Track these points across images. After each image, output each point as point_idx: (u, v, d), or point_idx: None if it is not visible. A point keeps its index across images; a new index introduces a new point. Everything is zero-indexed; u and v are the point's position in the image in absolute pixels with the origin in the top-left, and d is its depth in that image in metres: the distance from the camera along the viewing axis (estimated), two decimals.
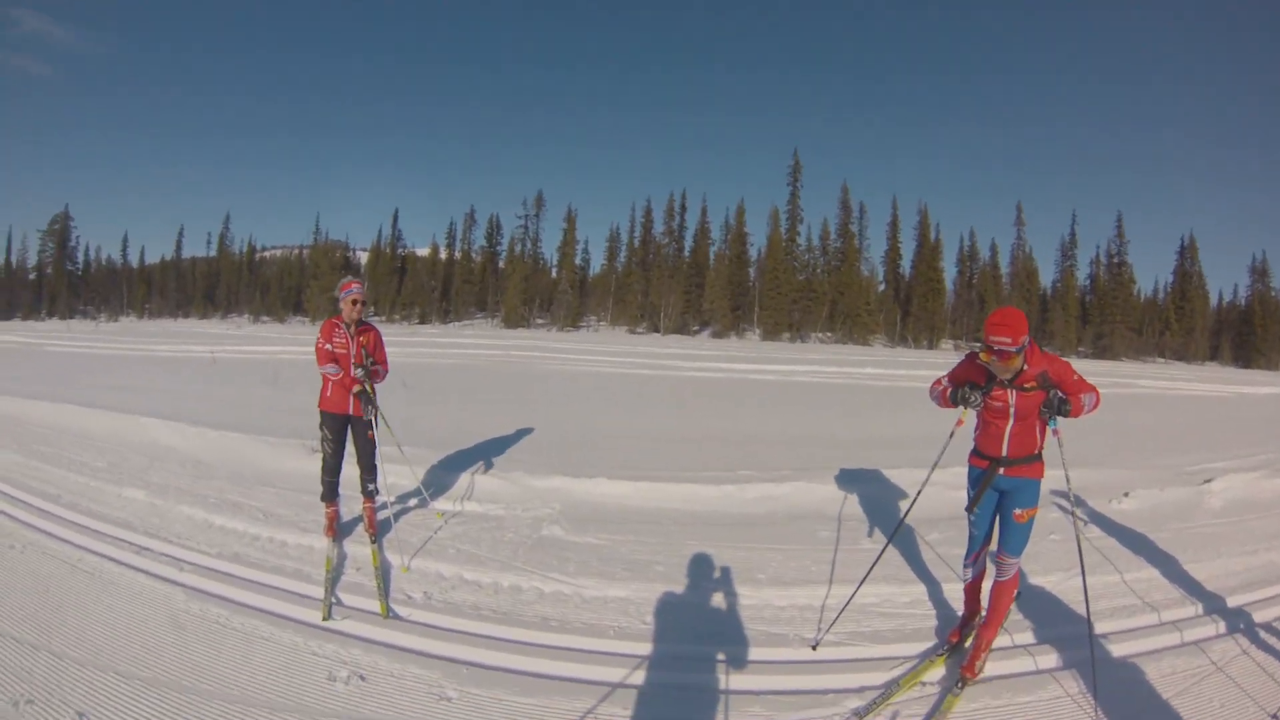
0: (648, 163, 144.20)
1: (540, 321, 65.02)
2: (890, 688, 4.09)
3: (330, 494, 5.93)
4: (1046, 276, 66.02)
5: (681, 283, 62.43)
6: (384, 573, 5.13)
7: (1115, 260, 64.11)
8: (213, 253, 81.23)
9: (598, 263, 72.46)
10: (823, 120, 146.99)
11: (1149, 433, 14.73)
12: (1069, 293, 63.47)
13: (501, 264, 71.12)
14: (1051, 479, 4.51)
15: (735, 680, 4.09)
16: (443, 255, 73.55)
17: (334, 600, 4.72)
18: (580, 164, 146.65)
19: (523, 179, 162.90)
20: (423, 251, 75.75)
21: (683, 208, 67.70)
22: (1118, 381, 26.87)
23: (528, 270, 66.89)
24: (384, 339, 6.35)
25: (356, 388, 5.85)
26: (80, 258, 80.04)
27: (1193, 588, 5.94)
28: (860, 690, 4.09)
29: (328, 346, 5.82)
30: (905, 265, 65.51)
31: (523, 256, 68.61)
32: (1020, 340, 3.96)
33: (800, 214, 64.05)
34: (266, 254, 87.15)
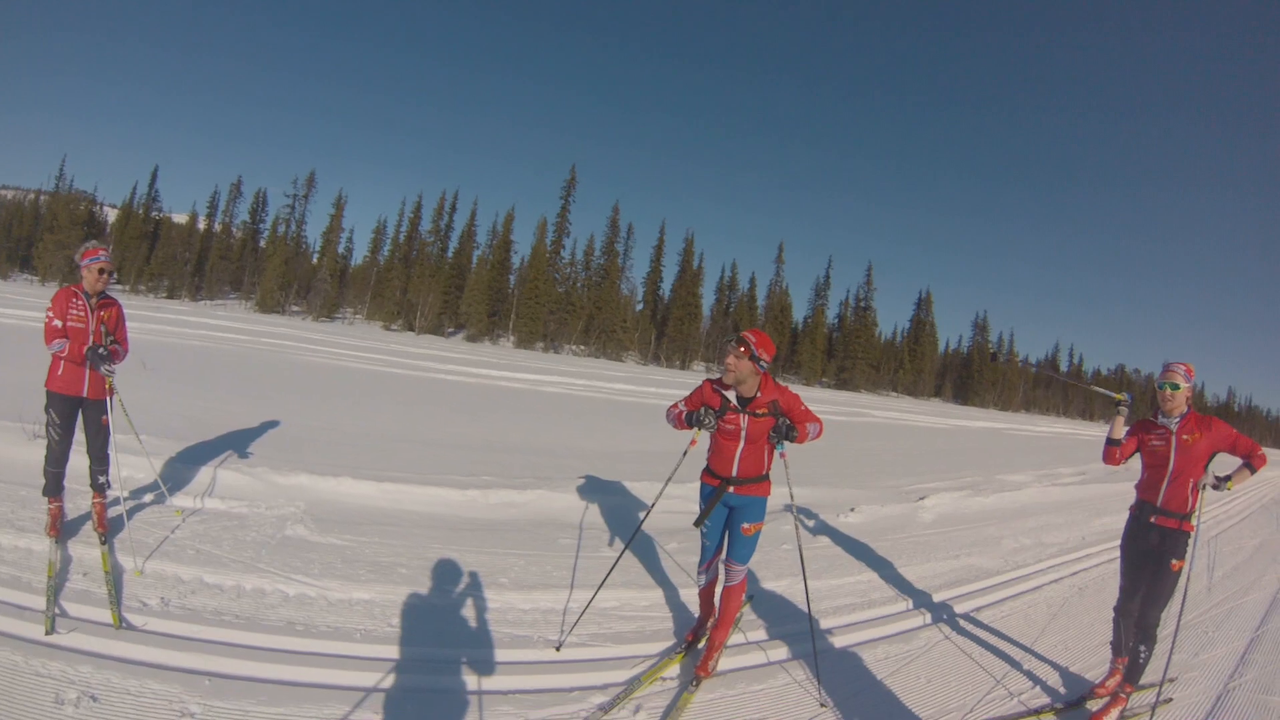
0: (424, 159, 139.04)
1: (296, 309, 59.73)
2: (632, 684, 4.25)
3: (54, 487, 5.09)
4: (799, 312, 71.90)
5: (442, 283, 60.38)
6: (116, 577, 4.48)
7: (862, 305, 71.27)
8: None
9: (361, 254, 68.34)
10: (603, 143, 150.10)
11: (877, 457, 16.45)
12: (818, 328, 69.38)
13: (263, 243, 64.59)
14: (782, 495, 4.89)
15: (484, 682, 4.05)
16: (201, 225, 65.34)
17: (58, 611, 4.00)
18: (357, 149, 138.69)
19: (296, 156, 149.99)
20: (180, 218, 66.76)
21: (453, 208, 65.77)
22: (855, 411, 29.72)
23: (289, 253, 61.39)
24: (125, 314, 5.54)
25: (89, 347, 5.04)
26: None
27: (905, 587, 6.78)
28: (604, 687, 4.20)
29: (58, 323, 4.98)
30: (665, 288, 68.05)
31: (286, 238, 62.81)
32: (761, 353, 4.26)
33: (569, 228, 64.70)
34: None
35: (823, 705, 4.36)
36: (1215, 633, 6.53)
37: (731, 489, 4.49)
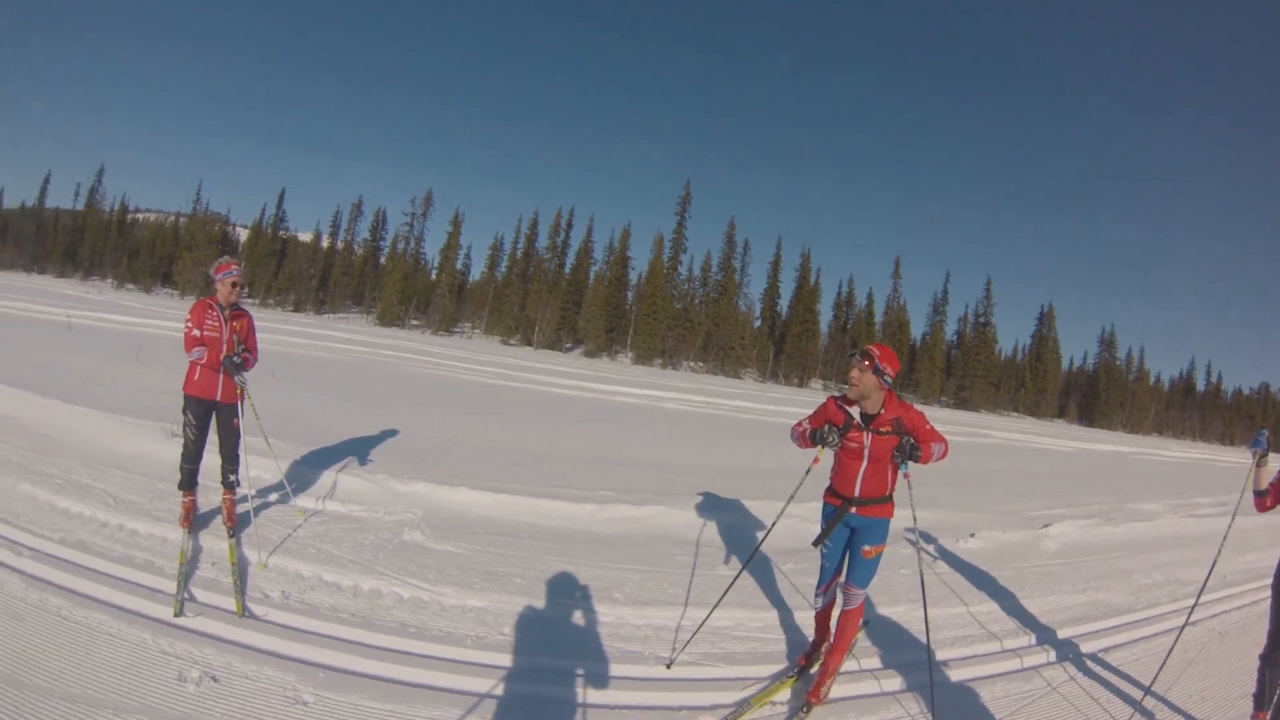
0: (540, 176, 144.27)
1: (415, 323, 63.22)
2: (742, 706, 4.20)
3: (189, 482, 5.58)
4: (917, 329, 69.80)
5: (559, 298, 62.10)
6: (241, 569, 4.84)
7: (981, 320, 68.55)
8: (80, 206, 74.80)
9: (479, 270, 71.49)
10: (720, 159, 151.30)
11: (998, 479, 15.73)
12: (937, 346, 67.13)
13: (383, 260, 68.96)
14: (904, 518, 4.75)
15: (592, 695, 4.09)
16: (325, 243, 70.58)
17: (187, 596, 4.40)
18: (474, 167, 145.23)
19: (414, 176, 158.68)
20: (305, 237, 72.47)
21: (569, 225, 67.62)
22: (974, 431, 28.60)
23: (409, 269, 65.09)
24: (256, 325, 6.05)
25: (226, 356, 5.54)
26: None
27: (1027, 620, 6.41)
28: (713, 708, 4.17)
29: (196, 332, 5.48)
30: (783, 305, 67.62)
31: (405, 255, 66.77)
32: (886, 368, 4.20)
33: (685, 244, 65.26)
34: (139, 216, 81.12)
35: None
36: None
37: (854, 510, 4.43)
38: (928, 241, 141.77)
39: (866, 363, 4.23)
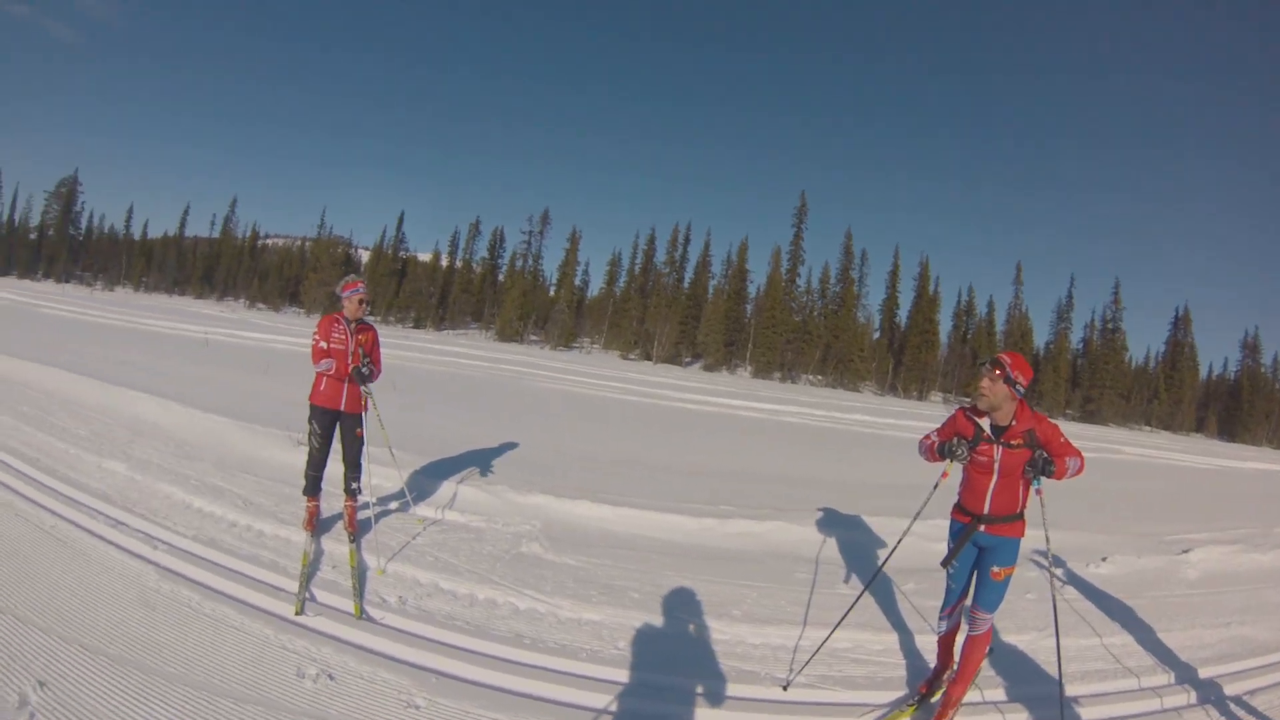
0: (655, 193, 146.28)
1: (534, 338, 64.93)
2: None
3: (313, 488, 5.87)
4: (1040, 337, 66.09)
5: (678, 313, 62.43)
6: (360, 573, 5.05)
7: (1110, 326, 64.32)
8: (216, 234, 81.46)
9: (596, 285, 72.92)
10: (833, 167, 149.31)
11: (1131, 499, 14.77)
12: (1061, 355, 63.52)
13: (501, 277, 71.46)
14: (1031, 538, 4.50)
15: (706, 714, 4.03)
16: (444, 262, 73.80)
17: (308, 596, 4.63)
18: (588, 186, 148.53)
19: (530, 196, 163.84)
20: (424, 256, 76.04)
21: (686, 239, 67.91)
22: (1103, 446, 27.00)
23: (527, 286, 66.99)
24: (380, 339, 6.36)
25: (354, 366, 5.84)
26: (83, 223, 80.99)
27: (1165, 656, 5.94)
28: None
29: (323, 345, 5.81)
30: (902, 315, 65.61)
31: (523, 272, 68.82)
32: (1018, 376, 4.07)
33: (802, 255, 64.28)
34: (269, 241, 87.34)
35: None
36: None
37: (983, 527, 4.26)
38: (1051, 244, 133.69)
39: (997, 371, 4.09)
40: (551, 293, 69.70)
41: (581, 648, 4.55)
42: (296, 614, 4.36)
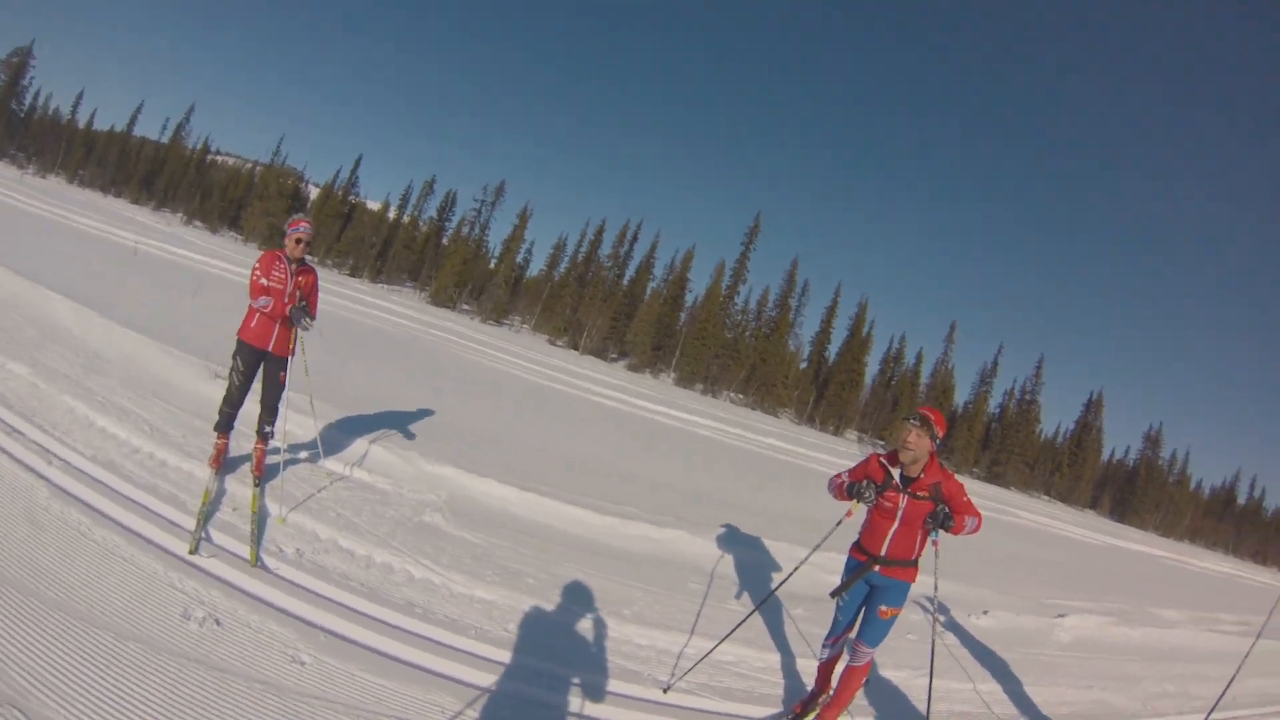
0: (613, 186, 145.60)
1: (466, 307, 63.72)
2: None
3: (225, 425, 5.60)
4: (961, 396, 67.51)
5: (612, 307, 61.97)
6: (260, 519, 4.89)
7: (1027, 397, 66.29)
8: (165, 139, 77.29)
9: (537, 266, 71.53)
10: (792, 196, 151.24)
11: (1019, 560, 15.38)
12: (978, 416, 65.14)
13: (445, 240, 69.64)
14: (920, 584, 4.65)
15: (585, 707, 4.05)
16: (391, 215, 71.78)
17: (203, 535, 4.44)
18: (549, 166, 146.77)
19: (490, 165, 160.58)
20: (374, 205, 73.72)
21: (634, 237, 67.14)
22: (1003, 508, 28.07)
23: (469, 254, 65.55)
24: (320, 284, 6.12)
25: (293, 306, 5.60)
26: (27, 100, 75.21)
27: (1029, 709, 6.24)
28: None
29: (264, 281, 5.55)
30: (832, 351, 66.16)
31: (468, 239, 67.25)
32: (938, 431, 4.21)
33: (746, 275, 64.27)
34: (218, 158, 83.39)
35: None
36: None
37: (878, 568, 4.39)
38: (985, 312, 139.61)
39: (923, 426, 4.21)
40: (492, 265, 68.50)
41: (471, 624, 4.52)
42: (190, 553, 4.17)
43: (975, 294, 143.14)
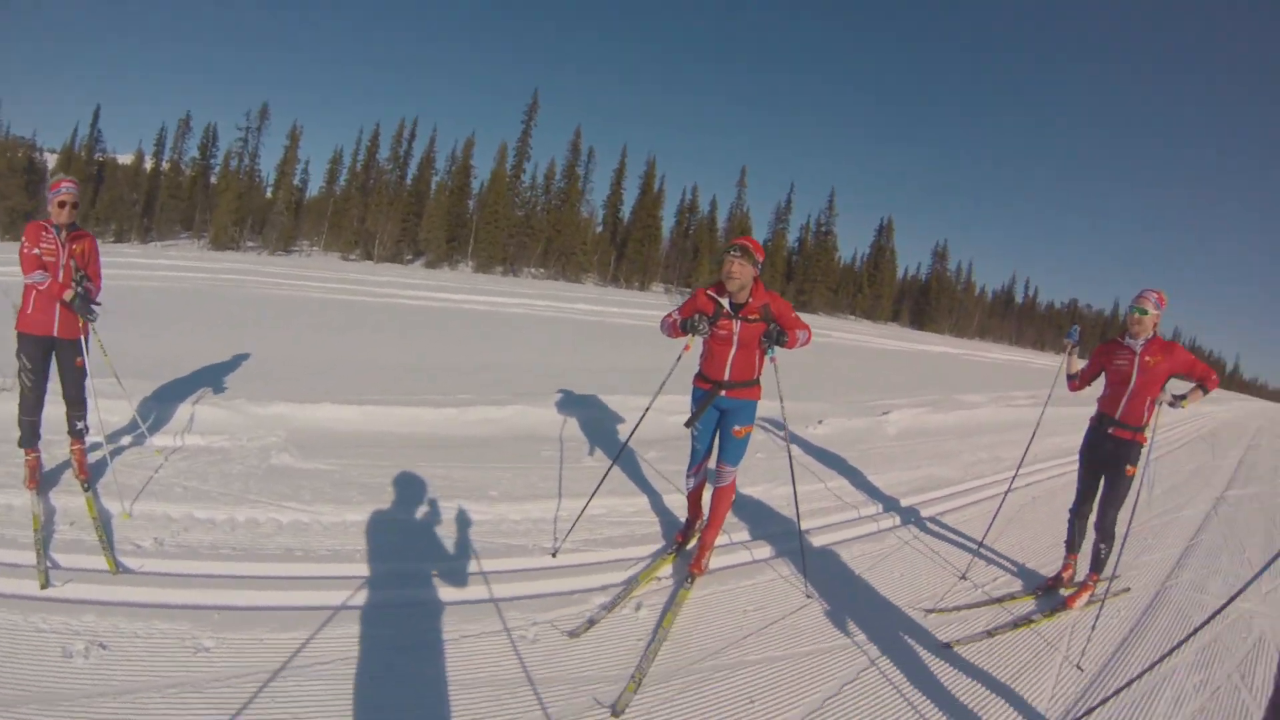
0: (382, 87, 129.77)
1: (251, 244, 55.94)
2: (631, 584, 4.22)
3: (30, 438, 4.57)
4: (759, 235, 68.03)
5: (400, 210, 56.92)
6: (104, 523, 4.15)
7: (823, 229, 68.92)
8: None
9: (317, 185, 63.59)
10: (566, 69, 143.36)
11: (840, 374, 16.56)
12: (778, 252, 66.78)
13: (214, 180, 59.16)
14: (763, 408, 4.78)
15: (487, 590, 3.95)
16: (148, 165, 60.05)
17: (50, 564, 3.65)
18: (311, 79, 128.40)
19: (248, 90, 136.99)
20: (125, 158, 61.03)
21: (411, 135, 61.05)
22: (817, 331, 29.93)
23: (243, 188, 56.72)
24: (99, 249, 5.03)
25: (69, 293, 4.51)
26: None
27: (875, 493, 6.86)
28: (604, 588, 4.16)
29: (35, 251, 4.45)
30: (626, 211, 64.70)
31: (239, 173, 57.94)
32: (752, 256, 4.11)
33: (529, 152, 60.81)
34: None
35: (808, 596, 4.42)
36: (1154, 540, 6.84)
37: (724, 393, 4.37)
38: (775, 155, 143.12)
39: (744, 255, 4.10)
40: (269, 194, 59.85)
41: (353, 549, 4.23)
42: (42, 588, 3.42)
43: (763, 138, 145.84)
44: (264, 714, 2.73)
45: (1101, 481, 4.93)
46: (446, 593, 3.87)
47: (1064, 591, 5.04)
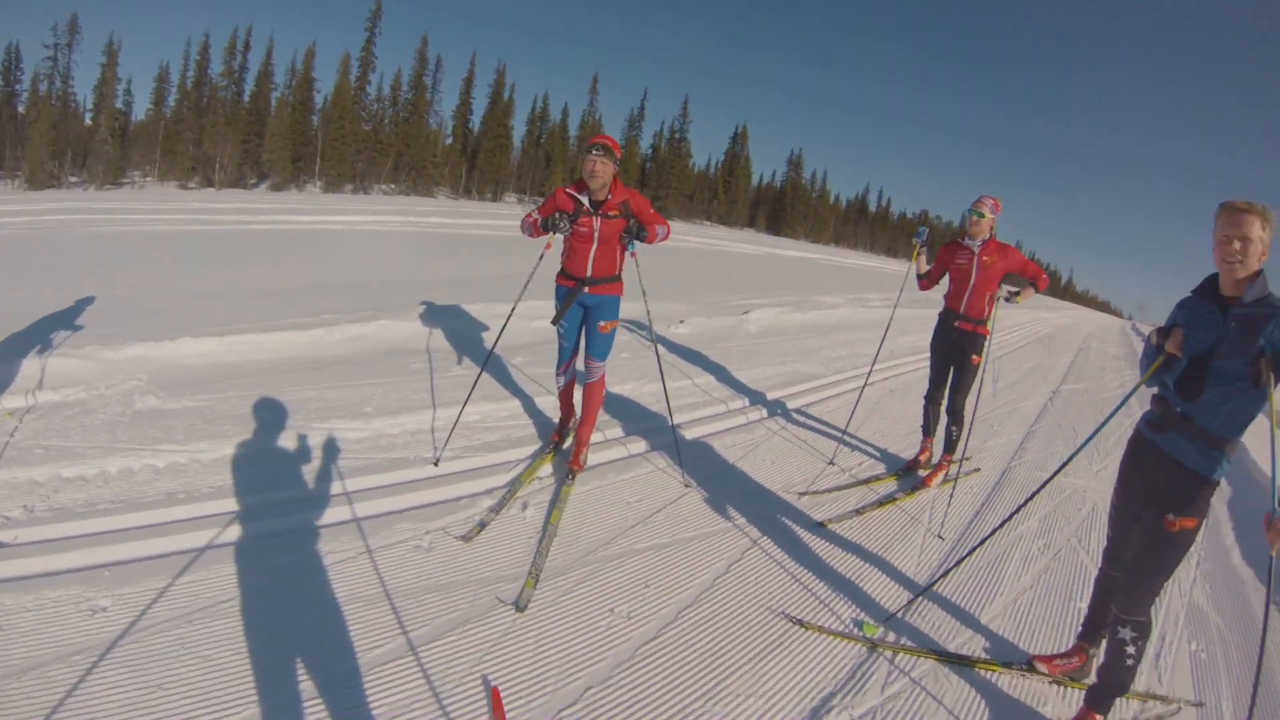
0: None
1: (74, 180, 47.17)
2: (514, 484, 4.28)
3: None
4: None
5: (239, 131, 50.17)
6: None
7: (677, 136, 66.43)
8: None
9: (143, 107, 54.50)
10: None
11: (698, 276, 16.54)
12: (632, 159, 64.16)
13: (22, 108, 49.00)
14: (625, 309, 4.77)
15: (374, 506, 3.92)
16: None
17: None
18: None
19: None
20: None
21: (246, 47, 53.24)
22: (673, 236, 29.72)
23: (57, 115, 47.36)
24: None
25: None
26: None
27: (741, 388, 7.07)
28: (489, 492, 4.22)
29: None
30: (475, 121, 60.42)
31: (50, 98, 48.40)
32: (613, 154, 4.06)
33: (374, 63, 54.78)
34: None
35: (686, 486, 4.64)
36: (999, 427, 7.58)
37: (587, 289, 4.34)
38: (627, 60, 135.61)
39: (605, 153, 4.02)
40: (89, 120, 51.04)
41: (237, 483, 4.04)
42: None
43: (616, 44, 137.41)
44: (177, 661, 2.63)
45: (950, 370, 5.34)
46: (338, 512, 3.81)
47: (922, 472, 5.57)
